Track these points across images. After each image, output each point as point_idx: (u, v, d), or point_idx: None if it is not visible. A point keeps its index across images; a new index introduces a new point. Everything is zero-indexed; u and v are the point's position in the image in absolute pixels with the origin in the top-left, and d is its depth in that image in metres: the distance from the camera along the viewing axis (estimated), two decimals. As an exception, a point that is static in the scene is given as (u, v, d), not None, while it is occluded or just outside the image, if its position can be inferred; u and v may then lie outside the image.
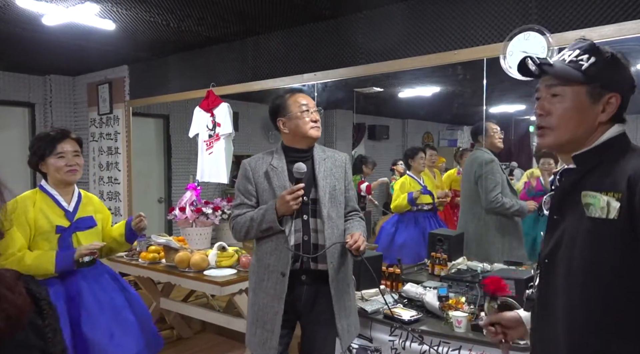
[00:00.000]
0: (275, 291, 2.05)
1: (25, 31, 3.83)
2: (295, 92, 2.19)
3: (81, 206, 2.42)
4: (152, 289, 3.79)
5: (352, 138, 7.77)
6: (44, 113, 5.69)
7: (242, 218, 2.11)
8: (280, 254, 2.05)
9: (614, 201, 1.07)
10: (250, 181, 2.15)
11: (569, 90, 1.18)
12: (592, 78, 1.16)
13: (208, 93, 4.15)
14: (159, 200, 6.31)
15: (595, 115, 1.17)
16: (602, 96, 1.16)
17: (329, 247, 2.04)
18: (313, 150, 2.18)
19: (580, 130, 1.18)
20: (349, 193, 2.22)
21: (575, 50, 1.20)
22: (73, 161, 2.34)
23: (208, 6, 3.31)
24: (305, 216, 2.09)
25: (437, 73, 4.80)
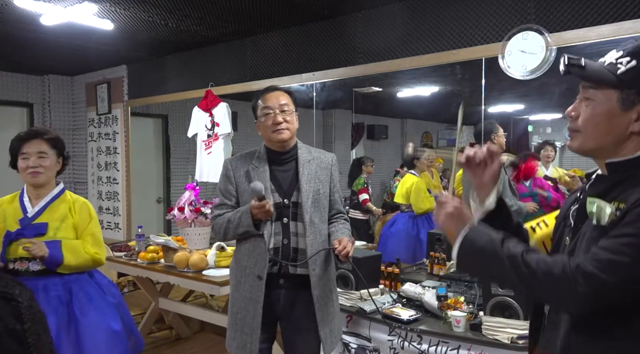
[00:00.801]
0: (252, 295, 2.00)
1: (23, 31, 3.82)
2: (264, 93, 2.11)
3: (47, 211, 2.27)
4: (150, 289, 3.79)
5: (351, 138, 7.77)
6: (43, 113, 5.68)
7: (220, 218, 2.07)
8: (258, 257, 2.00)
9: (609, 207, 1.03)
10: (231, 181, 2.10)
11: (600, 94, 1.10)
12: (627, 84, 1.06)
13: (207, 93, 4.15)
14: (158, 200, 6.30)
15: (627, 124, 1.07)
16: (636, 104, 1.06)
17: (314, 255, 1.99)
18: (297, 150, 2.11)
19: (608, 138, 1.09)
20: (334, 196, 2.16)
21: (619, 51, 1.11)
22: (36, 163, 2.24)
23: (206, 6, 3.31)
24: (286, 220, 2.03)
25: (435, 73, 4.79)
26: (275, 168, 2.08)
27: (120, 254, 3.75)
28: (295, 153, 2.10)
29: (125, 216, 5.30)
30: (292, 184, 2.06)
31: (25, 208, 2.27)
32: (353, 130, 7.80)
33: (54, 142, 2.30)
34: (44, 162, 2.26)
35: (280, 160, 2.09)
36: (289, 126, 2.05)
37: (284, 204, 2.03)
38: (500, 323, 2.09)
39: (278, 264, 2.01)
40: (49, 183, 2.32)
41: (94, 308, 2.27)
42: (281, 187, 2.06)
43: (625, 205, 1.01)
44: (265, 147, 2.13)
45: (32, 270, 2.19)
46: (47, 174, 2.28)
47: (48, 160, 2.27)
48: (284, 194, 2.05)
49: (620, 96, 1.07)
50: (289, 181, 2.06)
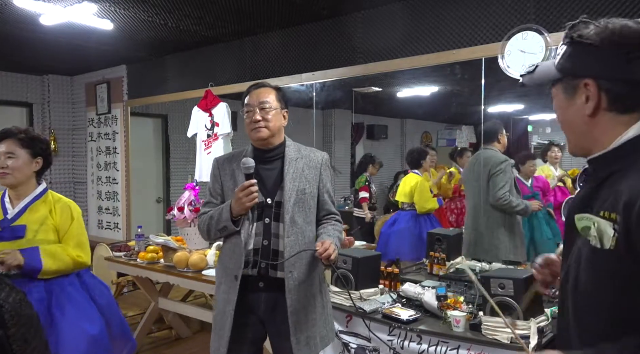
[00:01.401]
0: (228, 295, 1.95)
1: (23, 31, 3.82)
2: (249, 90, 2.08)
3: (27, 212, 2.22)
4: (150, 289, 3.79)
5: (351, 138, 7.78)
6: (42, 113, 5.68)
7: (204, 216, 2.04)
8: (235, 257, 1.95)
9: (609, 228, 0.93)
10: (217, 179, 2.07)
11: (553, 93, 1.09)
12: (563, 71, 1.04)
13: (206, 93, 4.15)
14: (157, 199, 6.30)
15: (579, 110, 1.02)
16: (577, 87, 1.02)
17: (292, 256, 1.91)
18: (285, 149, 2.05)
19: (576, 131, 1.06)
20: (323, 196, 2.07)
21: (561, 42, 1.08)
22: (3, 163, 2.18)
23: (206, 6, 3.30)
24: (267, 220, 1.97)
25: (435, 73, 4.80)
26: (260, 167, 1.99)
27: (120, 254, 3.75)
28: (282, 152, 2.04)
29: (124, 216, 5.30)
30: (277, 183, 2.00)
31: (6, 209, 2.22)
32: (353, 130, 7.80)
33: (25, 141, 2.23)
34: (11, 162, 2.19)
35: (265, 159, 2.03)
36: (268, 124, 1.98)
37: (267, 204, 1.97)
38: (500, 323, 2.09)
39: (257, 266, 1.94)
40: (25, 184, 2.25)
41: (74, 310, 2.22)
42: (265, 186, 1.98)
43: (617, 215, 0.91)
44: (252, 146, 2.08)
45: (13, 272, 2.12)
46: (15, 175, 2.21)
47: (16, 161, 2.20)
48: (267, 193, 1.98)
49: (562, 85, 1.05)
50: (273, 180, 2.00)
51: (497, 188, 3.27)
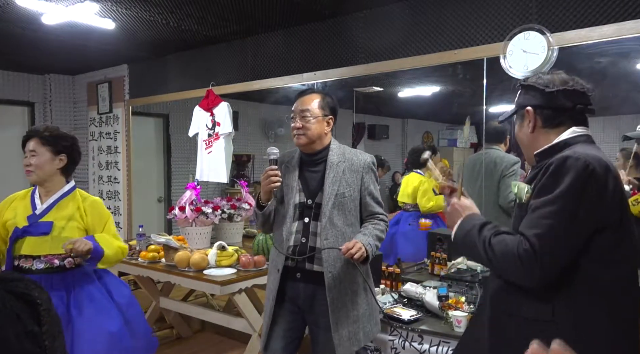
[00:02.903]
0: (272, 285, 2.13)
1: (24, 30, 3.82)
2: (297, 96, 2.18)
3: (54, 209, 2.27)
4: (151, 288, 3.79)
5: (352, 137, 7.77)
6: (44, 113, 5.68)
7: None
8: (280, 250, 2.11)
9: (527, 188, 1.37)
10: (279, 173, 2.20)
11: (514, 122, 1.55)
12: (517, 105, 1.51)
13: (208, 93, 4.15)
14: (159, 199, 6.31)
15: (525, 130, 1.48)
16: (524, 115, 1.47)
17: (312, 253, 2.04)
18: (328, 153, 2.14)
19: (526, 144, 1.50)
20: (366, 198, 2.14)
21: None
22: (27, 161, 2.25)
23: (208, 5, 3.31)
24: (307, 219, 2.09)
25: (437, 72, 4.80)
26: (306, 169, 2.15)
27: (121, 253, 3.75)
28: (326, 156, 2.13)
29: (126, 215, 5.30)
30: (318, 185, 2.10)
31: (35, 205, 2.28)
32: (354, 129, 7.79)
33: (46, 139, 2.27)
34: (34, 160, 2.25)
35: (310, 162, 2.15)
36: (306, 132, 2.08)
37: (307, 204, 2.09)
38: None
39: (295, 259, 2.09)
40: (51, 181, 2.30)
41: (93, 307, 2.25)
42: (308, 188, 2.12)
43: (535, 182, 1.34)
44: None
45: (36, 268, 2.20)
46: (37, 172, 2.26)
47: (39, 159, 2.25)
48: (309, 194, 2.11)
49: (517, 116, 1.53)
50: (316, 182, 2.11)
51: (507, 191, 3.18)
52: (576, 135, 1.40)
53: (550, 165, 1.29)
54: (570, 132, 1.40)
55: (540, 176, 1.31)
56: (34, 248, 2.21)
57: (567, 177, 1.24)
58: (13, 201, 2.31)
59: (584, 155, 1.27)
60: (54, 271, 2.22)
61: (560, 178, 1.26)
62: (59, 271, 2.23)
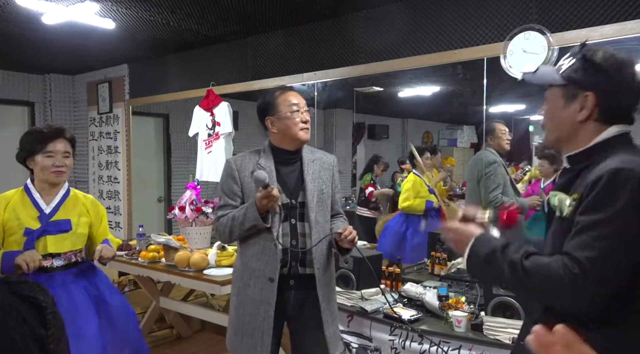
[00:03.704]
0: (262, 297, 1.97)
1: (25, 30, 3.82)
2: (287, 90, 2.07)
3: (62, 208, 2.29)
4: (151, 288, 3.79)
5: (352, 137, 7.77)
6: (44, 112, 5.68)
7: (224, 218, 2.01)
8: (268, 258, 1.97)
9: (569, 200, 1.18)
10: (236, 180, 2.04)
11: (549, 93, 1.29)
12: (567, 79, 1.24)
13: (208, 93, 4.15)
14: (159, 199, 6.31)
15: (573, 115, 1.23)
16: (577, 96, 1.22)
17: (319, 242, 1.98)
18: (302, 151, 2.09)
19: (562, 130, 1.27)
20: (335, 196, 2.15)
21: (569, 54, 1.29)
22: (62, 162, 2.25)
23: (208, 5, 3.30)
24: (293, 221, 2.01)
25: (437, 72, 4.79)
26: (280, 168, 2.04)
27: (121, 253, 3.75)
28: (300, 154, 2.09)
29: (126, 215, 5.30)
30: (298, 184, 2.03)
31: (39, 205, 2.26)
32: (354, 129, 7.80)
33: (73, 141, 2.34)
34: (69, 161, 2.29)
35: (286, 160, 2.06)
36: (309, 127, 2.07)
37: (292, 204, 2.01)
38: (501, 323, 2.09)
39: (288, 265, 1.98)
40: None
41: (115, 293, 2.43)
42: (287, 187, 2.02)
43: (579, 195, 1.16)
44: (270, 146, 2.08)
45: (55, 265, 2.24)
46: (68, 174, 2.34)
47: (71, 160, 2.32)
48: (290, 194, 2.02)
49: (563, 92, 1.25)
50: (295, 181, 2.04)
51: (489, 191, 3.28)
52: (618, 135, 1.21)
53: (599, 179, 1.11)
54: (614, 130, 1.21)
55: (588, 190, 1.12)
56: (57, 246, 2.25)
57: (623, 193, 1.08)
58: (9, 203, 2.27)
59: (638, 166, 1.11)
60: (72, 266, 2.30)
61: (614, 194, 1.09)
62: (75, 266, 2.32)
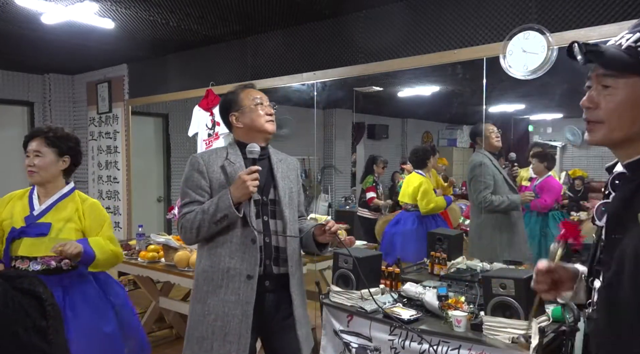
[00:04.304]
0: (239, 297, 1.89)
1: (24, 30, 3.82)
2: (248, 86, 2.12)
3: (53, 210, 2.24)
4: (151, 288, 3.79)
5: (352, 137, 7.77)
6: (43, 112, 5.68)
7: (192, 213, 1.92)
8: (244, 255, 1.91)
9: None
10: (204, 175, 1.98)
11: (622, 82, 1.01)
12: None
13: (207, 93, 4.14)
14: (158, 199, 6.30)
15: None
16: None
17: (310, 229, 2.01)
18: (268, 149, 2.10)
19: (635, 128, 1.02)
20: (300, 197, 2.18)
21: (635, 33, 1.00)
22: (31, 162, 2.22)
23: (208, 5, 3.30)
24: (266, 218, 1.99)
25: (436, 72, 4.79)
26: (249, 164, 1.97)
27: (121, 253, 3.75)
28: (268, 152, 2.10)
29: (125, 215, 5.30)
30: (268, 181, 2.03)
31: (33, 205, 2.25)
32: (353, 129, 7.80)
33: (52, 140, 2.25)
34: (38, 161, 2.22)
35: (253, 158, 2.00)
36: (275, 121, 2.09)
37: (263, 201, 1.99)
38: (501, 323, 2.09)
39: (262, 265, 1.93)
40: (53, 182, 2.29)
41: (88, 308, 2.22)
42: (258, 184, 1.95)
43: None
44: (237, 143, 2.07)
45: (32, 269, 2.18)
46: (41, 174, 2.24)
47: (43, 159, 2.23)
48: (261, 191, 1.98)
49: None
50: (265, 178, 2.02)
51: (476, 193, 3.35)
52: None
53: None
54: None
55: None
56: (31, 249, 2.18)
57: None
58: (10, 201, 2.29)
59: None
60: (51, 273, 2.19)
61: None
62: (55, 273, 2.20)
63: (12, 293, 0.70)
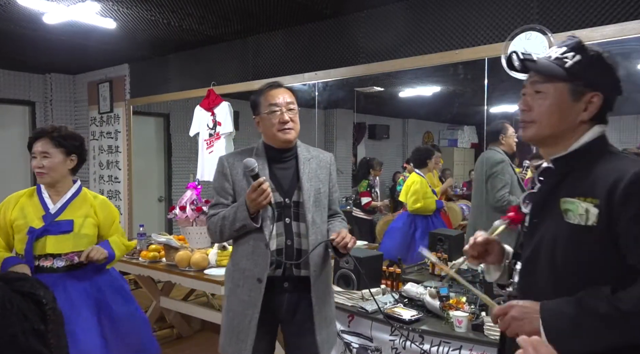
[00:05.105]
0: (250, 298, 1.91)
1: (26, 29, 3.82)
2: (271, 88, 2.00)
3: (69, 208, 2.28)
4: (152, 288, 3.79)
5: (353, 137, 7.78)
6: (45, 112, 5.68)
7: (215, 217, 1.96)
8: (258, 258, 1.91)
9: (593, 207, 1.09)
10: (228, 178, 1.99)
11: (551, 87, 1.19)
12: (575, 76, 1.16)
13: (209, 92, 4.15)
14: (159, 198, 6.31)
15: (577, 114, 1.18)
16: (584, 94, 1.17)
17: (313, 250, 1.92)
18: (297, 149, 2.03)
19: (561, 127, 1.19)
20: (332, 195, 2.08)
21: (562, 47, 1.21)
22: (40, 163, 2.23)
23: (209, 5, 3.30)
24: (288, 220, 1.95)
25: (438, 73, 4.79)
26: (275, 166, 1.98)
27: (122, 253, 3.76)
28: (296, 152, 2.02)
29: (126, 215, 5.30)
30: (293, 183, 1.97)
31: (47, 204, 2.27)
32: (354, 129, 7.80)
33: (58, 140, 2.26)
34: (47, 162, 2.24)
35: (280, 158, 2.00)
36: (295, 126, 1.98)
37: (285, 203, 1.95)
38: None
39: (282, 267, 1.92)
40: (62, 181, 2.31)
41: (121, 297, 2.37)
42: (281, 186, 1.96)
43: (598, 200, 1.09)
44: (264, 144, 2.03)
45: (56, 266, 2.23)
46: (51, 174, 2.25)
47: (52, 160, 2.24)
48: (284, 193, 1.96)
49: (570, 88, 1.17)
50: (290, 179, 1.98)
51: (495, 190, 3.27)
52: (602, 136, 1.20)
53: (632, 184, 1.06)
54: (597, 130, 1.19)
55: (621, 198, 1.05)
56: (57, 246, 2.23)
57: None
58: (18, 201, 2.29)
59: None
60: (74, 268, 2.27)
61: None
62: (78, 268, 2.28)
63: (11, 296, 0.70)
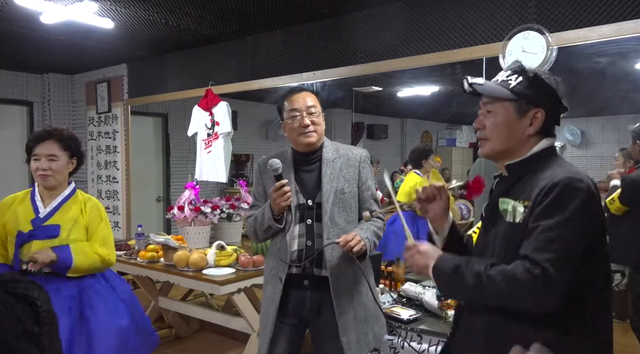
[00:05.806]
0: (273, 296, 1.99)
1: (23, 29, 3.82)
2: (292, 93, 2.05)
3: (59, 212, 2.23)
4: (150, 288, 3.79)
5: (351, 137, 7.77)
6: (42, 112, 5.67)
7: (251, 218, 2.08)
8: (281, 257, 1.99)
9: (521, 206, 1.27)
10: (260, 182, 2.10)
11: (499, 106, 1.34)
12: (518, 95, 1.31)
13: (207, 92, 4.14)
14: (158, 198, 6.31)
15: (524, 129, 1.32)
16: (528, 111, 1.31)
17: (319, 251, 1.94)
18: (322, 150, 2.05)
19: (511, 142, 1.33)
20: (363, 194, 2.06)
21: (507, 71, 1.37)
22: (45, 165, 2.18)
23: (207, 5, 3.30)
24: (310, 221, 1.98)
25: (436, 72, 4.80)
26: (301, 168, 2.04)
27: (120, 253, 3.74)
28: (321, 153, 2.04)
29: (124, 215, 5.30)
30: (316, 184, 2.01)
31: (37, 208, 2.23)
32: (353, 129, 7.80)
33: (66, 142, 2.23)
34: (54, 164, 2.20)
35: (306, 161, 2.05)
36: (317, 128, 2.00)
37: (308, 205, 1.99)
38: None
39: (302, 265, 1.97)
40: (61, 184, 2.28)
41: (103, 306, 2.25)
42: (305, 188, 2.01)
43: (529, 202, 1.25)
44: (292, 149, 2.09)
45: (45, 271, 2.17)
46: (57, 177, 2.22)
47: (58, 163, 2.21)
48: (307, 195, 2.00)
49: (515, 106, 1.32)
50: (313, 181, 2.01)
51: None
52: (549, 147, 1.34)
53: (553, 186, 1.21)
54: (546, 142, 1.34)
55: (541, 197, 1.22)
56: None
57: (575, 200, 1.19)
58: (12, 204, 2.27)
59: (584, 176, 1.24)
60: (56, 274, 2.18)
61: (567, 201, 1.20)
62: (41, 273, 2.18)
63: (4, 298, 0.69)
